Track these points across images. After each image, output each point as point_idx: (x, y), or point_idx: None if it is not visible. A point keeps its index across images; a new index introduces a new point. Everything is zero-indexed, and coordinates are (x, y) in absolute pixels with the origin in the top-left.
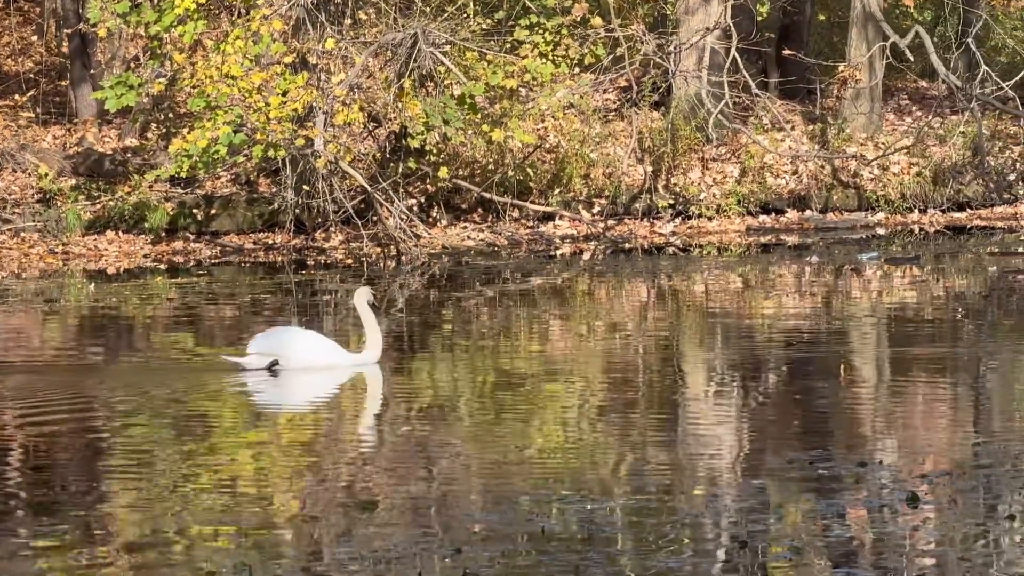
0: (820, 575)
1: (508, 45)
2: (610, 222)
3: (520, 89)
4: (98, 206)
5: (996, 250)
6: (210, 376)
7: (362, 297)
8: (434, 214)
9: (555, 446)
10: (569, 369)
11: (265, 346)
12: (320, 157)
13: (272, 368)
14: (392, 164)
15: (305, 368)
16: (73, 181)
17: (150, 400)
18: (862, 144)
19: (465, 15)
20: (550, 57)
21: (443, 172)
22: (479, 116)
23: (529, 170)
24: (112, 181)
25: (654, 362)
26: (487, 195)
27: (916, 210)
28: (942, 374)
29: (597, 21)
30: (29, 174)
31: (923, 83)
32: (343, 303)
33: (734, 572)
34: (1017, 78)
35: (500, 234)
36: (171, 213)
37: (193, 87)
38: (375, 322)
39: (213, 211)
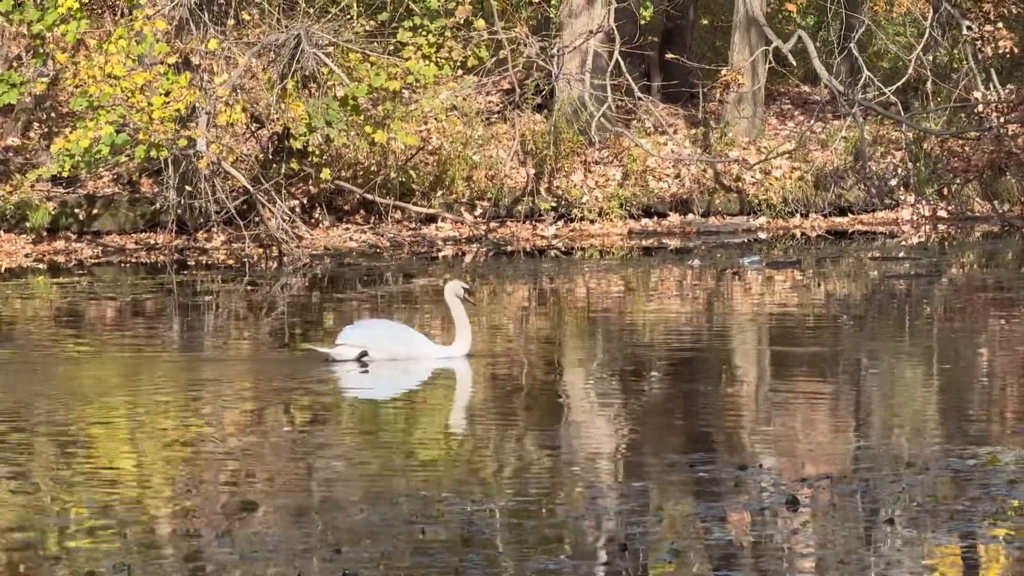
0: None
1: (391, 47)
2: (492, 224)
3: (403, 91)
4: None
5: (877, 255)
6: (81, 372)
7: (452, 290)
8: (316, 215)
9: (436, 447)
10: (450, 371)
11: (354, 337)
12: (202, 158)
13: (361, 359)
14: (275, 165)
15: (393, 359)
16: None
17: (27, 398)
18: (744, 148)
19: (348, 16)
20: (433, 59)
21: (325, 173)
22: (362, 118)
23: (412, 172)
24: None
25: (536, 364)
26: (369, 197)
27: (798, 214)
28: (823, 378)
29: (480, 24)
30: None
31: (805, 88)
32: (224, 303)
33: (614, 575)
34: (899, 83)
35: (382, 236)
36: (53, 213)
37: (76, 86)
38: (465, 315)
39: (95, 211)
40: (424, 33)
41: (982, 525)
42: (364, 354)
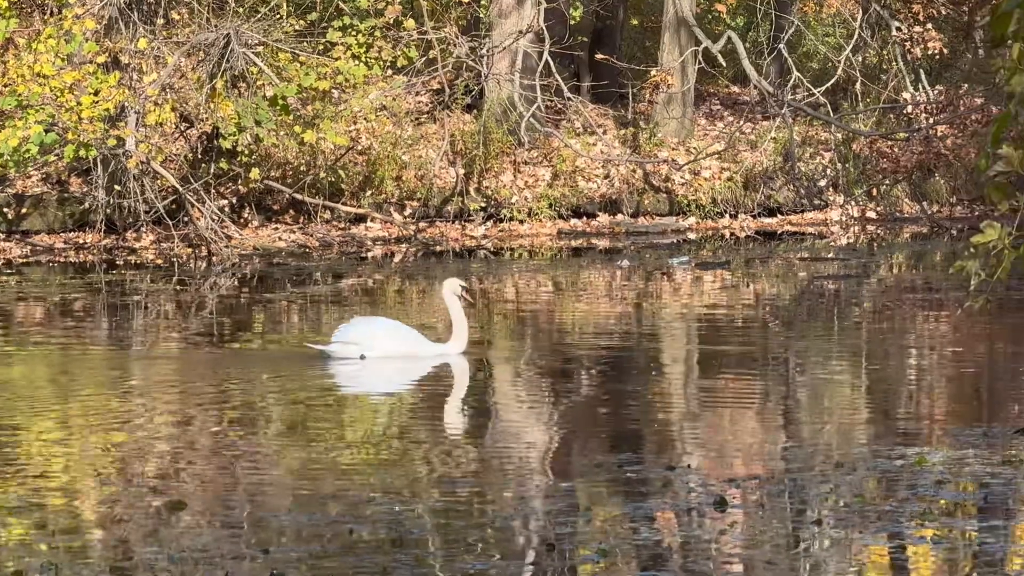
0: None
1: (321, 47)
2: (421, 224)
3: (333, 91)
4: None
5: (806, 255)
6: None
7: (450, 288)
8: (245, 215)
9: (364, 448)
10: (379, 371)
11: (350, 335)
12: (132, 157)
13: (358, 357)
14: (204, 165)
15: (388, 357)
16: None
17: None
18: (674, 149)
19: (278, 16)
20: (363, 59)
21: (255, 173)
22: (291, 117)
23: (341, 172)
24: None
25: (465, 365)
26: (299, 196)
27: (727, 215)
28: (751, 378)
29: (410, 23)
30: None
31: (735, 89)
32: (153, 302)
33: (542, 574)
34: (828, 84)
35: (311, 236)
36: None
37: (4, 85)
38: (462, 313)
39: (24, 210)
40: (354, 33)
41: (910, 525)
42: (361, 353)
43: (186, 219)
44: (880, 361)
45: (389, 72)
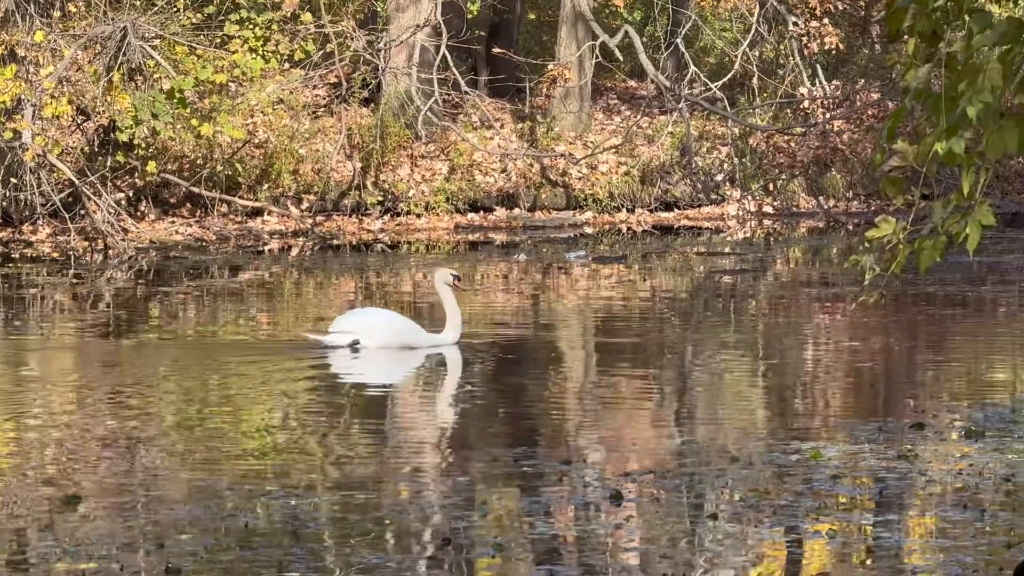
0: (524, 572)
1: (218, 40)
2: (319, 218)
3: (230, 84)
4: None
5: (703, 250)
6: None
7: (441, 278)
8: (142, 208)
9: (261, 440)
10: (283, 365)
11: (347, 326)
12: (28, 150)
13: (354, 347)
14: (100, 158)
15: (385, 347)
16: None
17: None
18: (571, 143)
19: (175, 9)
20: (260, 52)
21: (151, 166)
22: (188, 110)
23: (238, 165)
24: None
25: (362, 359)
26: (196, 190)
27: (624, 209)
28: (648, 372)
29: (307, 17)
30: None
31: (632, 83)
32: (49, 295)
33: (438, 568)
34: (725, 79)
35: (208, 229)
36: None
37: None
38: (455, 303)
39: None
40: (251, 26)
41: (805, 520)
42: (356, 342)
43: (83, 212)
44: (776, 355)
45: (286, 66)
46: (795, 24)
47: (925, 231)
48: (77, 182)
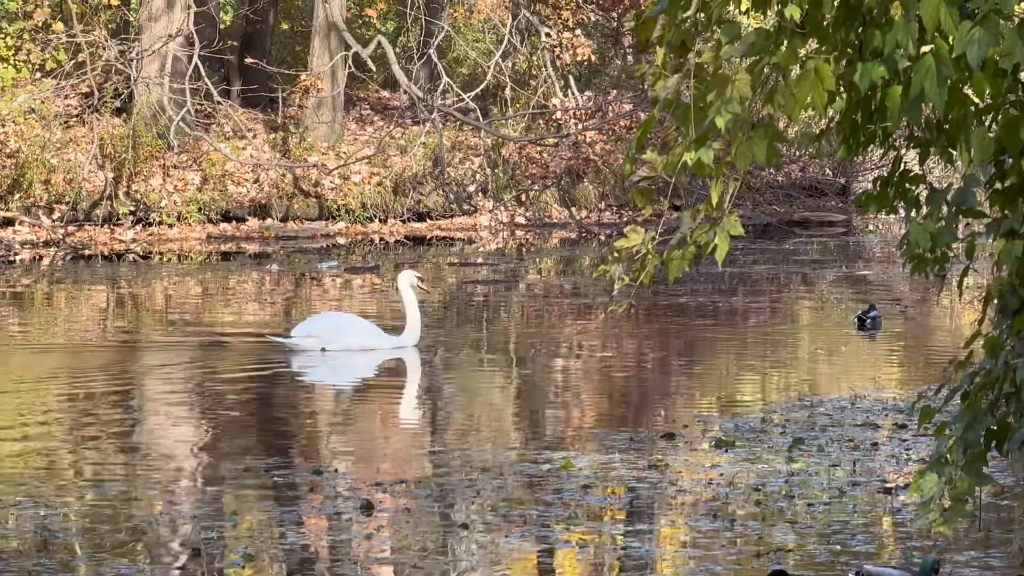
0: None
1: None
2: (70, 228)
3: None
4: None
5: (455, 260)
6: None
7: (406, 280)
8: None
9: (10, 451)
10: (26, 375)
11: (310, 329)
12: None
13: (319, 350)
14: None
15: (348, 350)
16: None
17: None
18: (324, 153)
19: None
20: (11, 61)
21: None
22: None
23: None
24: None
25: (114, 369)
26: None
27: (377, 220)
28: (399, 383)
29: (59, 26)
30: None
31: (385, 93)
32: None
33: None
34: (478, 90)
35: None
36: None
37: None
38: (416, 306)
39: None
40: (2, 35)
41: (556, 529)
42: (322, 346)
43: None
44: (528, 366)
45: (38, 75)
46: (548, 35)
47: (674, 241)
48: None
